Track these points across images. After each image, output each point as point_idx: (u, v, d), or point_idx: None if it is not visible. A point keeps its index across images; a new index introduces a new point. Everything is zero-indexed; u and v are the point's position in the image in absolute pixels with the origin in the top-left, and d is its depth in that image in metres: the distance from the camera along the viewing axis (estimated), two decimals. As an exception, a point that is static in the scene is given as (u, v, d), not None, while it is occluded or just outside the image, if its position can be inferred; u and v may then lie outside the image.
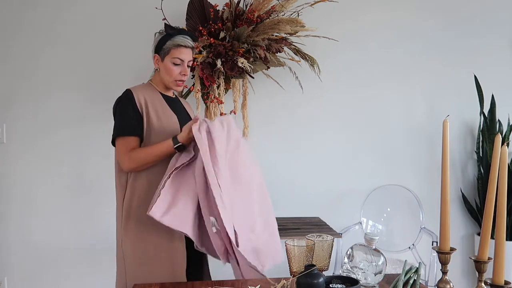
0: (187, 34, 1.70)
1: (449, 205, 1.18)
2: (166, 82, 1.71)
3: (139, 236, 1.61)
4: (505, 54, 2.92)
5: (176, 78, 1.69)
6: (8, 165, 2.67)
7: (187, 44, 1.67)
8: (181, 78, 1.69)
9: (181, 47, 1.66)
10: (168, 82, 1.70)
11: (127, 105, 1.62)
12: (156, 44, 1.70)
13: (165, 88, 1.75)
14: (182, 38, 1.67)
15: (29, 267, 2.67)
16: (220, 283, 1.35)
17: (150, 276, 1.57)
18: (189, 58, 1.69)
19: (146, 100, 1.64)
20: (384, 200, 2.71)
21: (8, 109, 2.66)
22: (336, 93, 2.81)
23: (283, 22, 2.32)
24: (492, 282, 1.06)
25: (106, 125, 2.62)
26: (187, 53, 1.68)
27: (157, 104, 1.67)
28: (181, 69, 1.68)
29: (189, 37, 1.69)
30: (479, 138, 2.84)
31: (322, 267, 1.26)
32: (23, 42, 2.65)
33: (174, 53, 1.66)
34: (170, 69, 1.67)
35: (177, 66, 1.67)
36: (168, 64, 1.67)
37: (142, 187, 1.62)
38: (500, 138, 1.10)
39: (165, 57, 1.67)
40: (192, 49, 1.71)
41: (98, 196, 2.68)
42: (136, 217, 1.61)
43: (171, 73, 1.68)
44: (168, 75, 1.68)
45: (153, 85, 1.74)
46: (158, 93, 1.72)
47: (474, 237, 2.90)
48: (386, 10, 2.84)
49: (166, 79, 1.70)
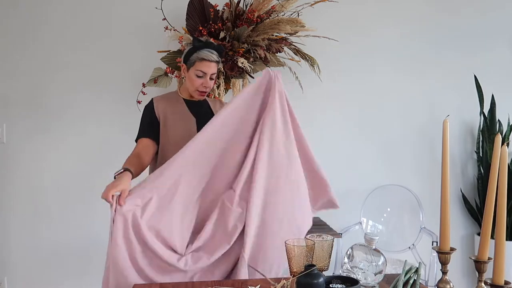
0: (214, 48, 1.80)
1: (449, 205, 1.18)
2: (189, 91, 1.85)
3: None
4: (505, 54, 2.92)
5: (198, 89, 1.82)
6: (8, 165, 2.67)
7: (211, 59, 1.77)
8: (202, 90, 1.82)
9: (205, 61, 1.77)
10: (191, 91, 1.85)
11: (146, 112, 1.84)
12: (184, 55, 1.82)
13: (190, 95, 1.88)
14: (207, 53, 1.77)
15: (29, 267, 2.67)
16: (220, 283, 1.35)
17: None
18: (212, 71, 1.80)
19: (165, 108, 1.82)
20: (384, 200, 2.71)
21: (8, 109, 2.66)
22: (336, 93, 2.81)
23: (283, 22, 2.32)
24: (492, 282, 1.06)
25: (106, 125, 2.66)
26: (210, 66, 1.78)
27: (176, 111, 1.81)
28: (203, 80, 1.80)
29: (215, 51, 1.79)
30: (479, 138, 2.85)
31: (322, 267, 1.26)
32: (23, 42, 2.65)
33: (198, 65, 1.77)
34: (193, 80, 1.80)
35: (200, 78, 1.79)
36: (192, 75, 1.80)
37: None
38: (500, 138, 1.10)
39: (190, 68, 1.80)
40: (216, 63, 1.81)
41: (98, 195, 2.68)
42: None
43: (193, 84, 1.81)
44: (191, 85, 1.82)
45: (178, 92, 1.90)
46: (181, 99, 1.87)
47: (474, 237, 2.90)
48: (386, 11, 2.84)
49: (189, 88, 1.84)
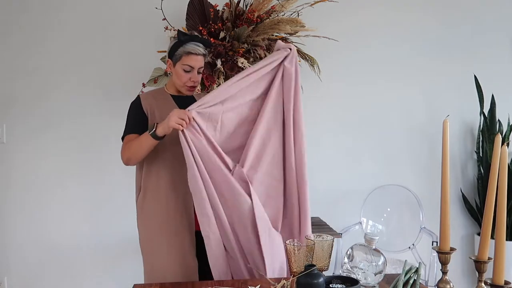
0: (200, 41, 1.75)
1: (449, 205, 1.18)
2: (177, 86, 1.78)
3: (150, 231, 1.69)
4: (505, 54, 2.92)
5: (186, 84, 1.75)
6: (8, 165, 2.67)
7: (198, 52, 1.72)
8: (191, 84, 1.76)
9: (191, 54, 1.71)
10: (179, 87, 1.78)
11: (133, 109, 1.76)
12: (169, 50, 1.76)
13: (177, 90, 1.82)
14: (193, 46, 1.71)
15: (29, 267, 2.67)
16: (220, 283, 1.35)
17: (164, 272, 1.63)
18: (199, 65, 1.74)
19: (152, 104, 1.74)
20: (384, 200, 2.71)
21: (8, 109, 2.66)
22: (336, 93, 2.80)
23: (283, 22, 2.32)
24: (492, 282, 1.06)
25: (106, 124, 2.65)
26: (197, 60, 1.72)
27: (164, 107, 1.73)
28: (191, 75, 1.74)
29: (201, 44, 1.74)
30: (479, 138, 2.84)
31: (322, 267, 1.26)
32: (23, 42, 2.65)
33: (185, 60, 1.71)
34: (180, 75, 1.73)
35: (187, 72, 1.73)
36: (178, 70, 1.73)
37: (153, 184, 1.70)
38: (500, 138, 1.10)
39: (177, 63, 1.73)
40: (203, 56, 1.76)
41: (98, 195, 2.69)
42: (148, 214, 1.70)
43: (181, 79, 1.74)
44: (179, 80, 1.75)
45: (165, 89, 1.83)
46: (168, 95, 1.80)
47: (474, 237, 2.90)
48: (386, 10, 2.84)
49: (177, 83, 1.77)
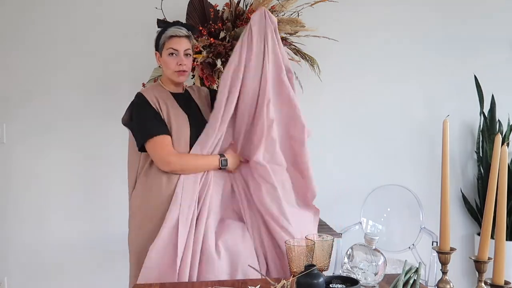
0: (181, 24, 1.70)
1: (449, 205, 1.18)
2: (168, 76, 1.71)
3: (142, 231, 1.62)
4: (505, 54, 2.92)
5: (174, 69, 1.69)
6: (8, 165, 2.67)
7: (179, 34, 1.67)
8: (179, 69, 1.68)
9: (173, 37, 1.67)
10: (169, 75, 1.71)
11: (144, 108, 1.64)
12: (155, 43, 1.72)
13: (173, 85, 1.75)
14: (174, 29, 1.68)
15: (30, 267, 2.67)
16: (220, 283, 1.35)
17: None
18: (184, 47, 1.68)
19: (158, 100, 1.66)
20: (384, 200, 2.70)
21: (8, 109, 2.66)
22: (336, 93, 2.80)
23: (283, 22, 2.31)
24: (492, 282, 1.06)
25: (106, 124, 2.65)
26: (180, 42, 1.67)
27: (168, 105, 1.68)
28: (178, 59, 1.68)
29: (183, 27, 1.70)
30: (479, 138, 2.84)
31: (322, 267, 1.26)
32: (23, 42, 2.65)
33: (168, 44, 1.67)
34: (167, 62, 1.68)
35: (173, 56, 1.67)
36: (165, 57, 1.69)
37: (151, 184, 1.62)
38: (500, 138, 1.10)
39: (162, 51, 1.69)
40: (187, 38, 1.70)
41: (98, 195, 2.68)
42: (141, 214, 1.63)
43: (169, 66, 1.68)
44: (167, 68, 1.69)
45: (161, 85, 1.75)
46: (167, 92, 1.73)
47: (474, 237, 2.90)
48: (386, 10, 2.83)
49: (167, 72, 1.71)
